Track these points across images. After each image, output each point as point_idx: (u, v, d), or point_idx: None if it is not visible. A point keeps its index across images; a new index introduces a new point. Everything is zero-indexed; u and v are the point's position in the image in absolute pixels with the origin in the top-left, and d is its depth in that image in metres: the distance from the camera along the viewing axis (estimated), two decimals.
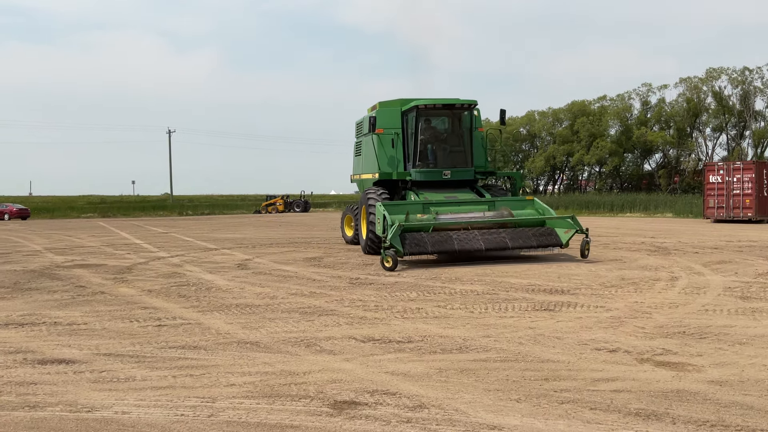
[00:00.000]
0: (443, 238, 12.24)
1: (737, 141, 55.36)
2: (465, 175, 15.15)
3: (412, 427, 3.88)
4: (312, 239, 20.91)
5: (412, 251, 11.92)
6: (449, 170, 14.96)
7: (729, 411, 4.04)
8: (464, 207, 13.54)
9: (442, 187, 14.83)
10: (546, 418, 4.00)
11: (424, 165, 15.03)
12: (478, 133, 15.84)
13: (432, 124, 15.47)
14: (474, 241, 12.22)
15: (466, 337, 6.20)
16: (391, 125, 15.55)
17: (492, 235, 12.49)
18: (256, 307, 8.10)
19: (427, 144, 15.20)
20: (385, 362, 5.38)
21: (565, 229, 12.93)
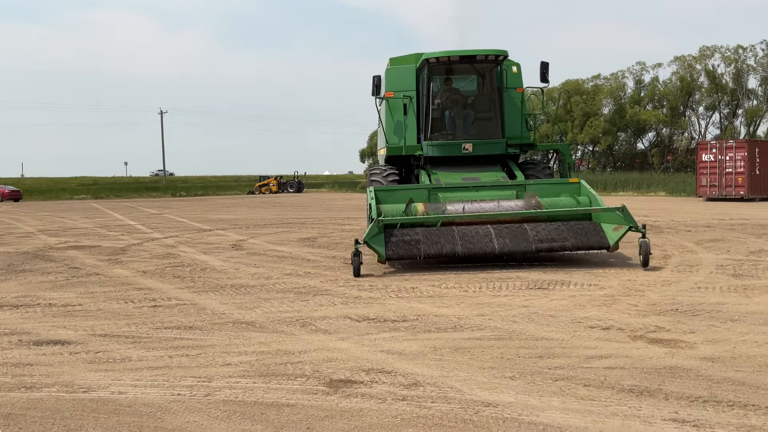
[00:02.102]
0: (442, 237, 9.12)
1: (730, 119, 55.45)
2: (493, 148, 11.69)
3: (408, 404, 3.92)
4: (306, 220, 20.90)
5: (396, 255, 8.90)
6: (471, 143, 11.51)
7: (721, 387, 4.09)
8: (484, 193, 10.17)
9: (466, 165, 11.56)
10: (540, 395, 4.04)
11: (440, 136, 11.77)
12: (515, 95, 12.24)
13: (450, 83, 12.24)
14: (484, 241, 9.00)
15: (460, 316, 6.24)
16: (404, 87, 12.18)
17: (511, 232, 9.15)
18: (251, 288, 8.11)
19: (444, 110, 11.94)
20: (380, 341, 5.40)
21: (615, 225, 9.18)
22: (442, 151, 11.65)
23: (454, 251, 8.93)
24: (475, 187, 10.33)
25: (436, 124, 11.85)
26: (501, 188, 10.31)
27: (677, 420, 3.58)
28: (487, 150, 11.68)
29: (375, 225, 8.93)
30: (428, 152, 11.71)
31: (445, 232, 9.20)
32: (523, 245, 8.96)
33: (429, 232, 9.21)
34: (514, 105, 12.12)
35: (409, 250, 8.91)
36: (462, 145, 11.56)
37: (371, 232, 8.86)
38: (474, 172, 11.33)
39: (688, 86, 55.18)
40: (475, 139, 11.64)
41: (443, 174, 11.31)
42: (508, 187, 10.33)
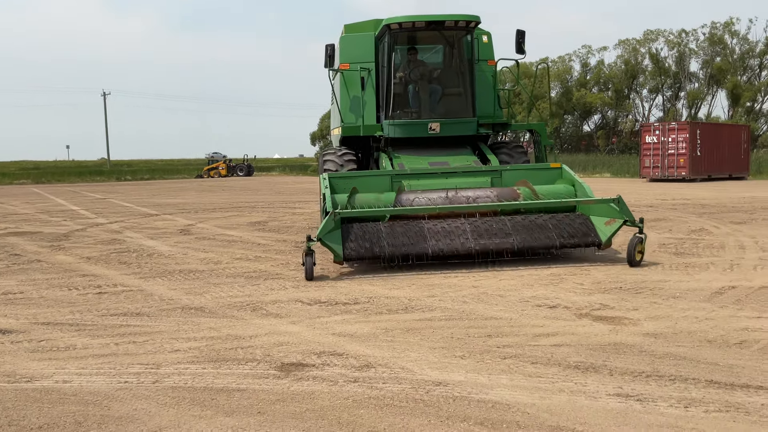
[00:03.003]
0: (410, 234, 7.75)
1: (672, 102, 56.95)
2: (463, 129, 10.29)
3: (359, 386, 3.93)
4: (256, 204, 20.69)
5: (357, 254, 7.53)
6: (438, 122, 10.07)
7: (663, 362, 4.22)
8: (455, 180, 8.85)
9: (432, 148, 10.27)
10: (489, 373, 4.11)
11: (403, 115, 10.25)
12: (486, 68, 10.86)
13: (415, 54, 10.54)
14: (460, 239, 7.70)
15: (411, 297, 6.28)
16: (362, 58, 10.67)
17: (489, 226, 7.86)
18: (200, 273, 8.00)
19: (407, 84, 10.37)
20: (331, 324, 5.40)
21: (607, 219, 7.93)
22: (406, 132, 10.18)
23: (424, 251, 7.59)
24: (444, 174, 8.98)
25: (399, 101, 10.30)
26: (474, 174, 8.97)
27: (621, 395, 3.68)
28: (457, 130, 10.27)
29: (330, 219, 7.51)
30: (390, 133, 10.24)
31: (413, 228, 7.80)
32: (503, 244, 7.66)
33: (394, 228, 7.82)
34: (485, 79, 10.77)
35: (371, 249, 7.54)
36: (428, 125, 10.08)
37: (326, 227, 7.47)
38: (442, 155, 9.98)
39: (632, 69, 56.39)
40: (442, 117, 10.17)
41: (407, 158, 9.93)
42: (482, 173, 9.02)
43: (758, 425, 3.23)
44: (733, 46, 53.57)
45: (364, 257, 7.56)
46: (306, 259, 7.25)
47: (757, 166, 32.96)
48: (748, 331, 4.85)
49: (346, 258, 7.51)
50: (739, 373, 3.97)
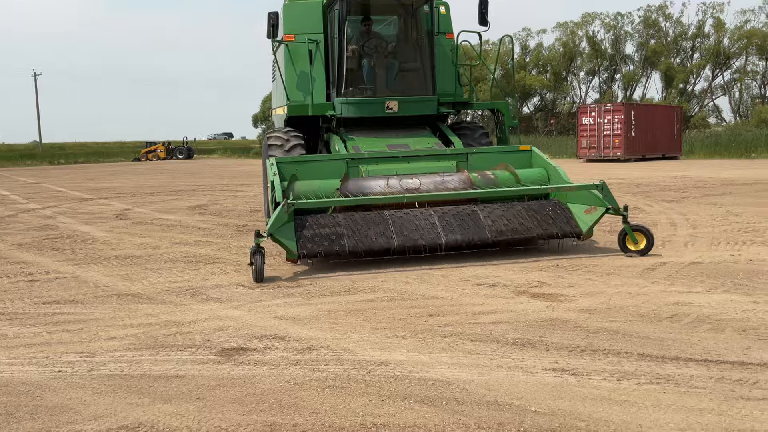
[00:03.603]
0: (373, 226, 6.89)
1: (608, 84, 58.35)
2: (422, 108, 9.40)
3: (301, 368, 3.92)
4: (196, 187, 20.31)
5: (312, 251, 6.61)
6: (396, 100, 9.16)
7: (597, 336, 4.35)
8: (417, 164, 8.02)
9: (389, 129, 9.39)
10: (430, 351, 4.15)
11: (357, 92, 9.28)
12: (444, 41, 9.98)
13: (370, 24, 9.54)
14: (428, 232, 6.87)
15: (354, 279, 6.28)
16: (309, 28, 9.64)
17: (461, 218, 7.07)
18: (137, 258, 7.82)
19: (360, 58, 9.39)
20: (273, 307, 5.37)
21: (587, 206, 7.27)
22: (361, 111, 9.19)
23: (388, 245, 6.72)
24: (405, 158, 8.12)
25: (352, 77, 9.29)
26: (438, 158, 8.15)
27: (557, 369, 3.78)
28: (416, 110, 9.36)
29: (282, 211, 6.59)
30: (342, 112, 9.21)
31: (376, 219, 6.96)
32: (477, 236, 6.92)
33: (353, 219, 6.95)
34: (444, 54, 9.89)
35: (329, 246, 6.66)
36: (385, 104, 9.16)
37: (278, 220, 6.55)
38: (400, 137, 9.10)
39: (570, 52, 57.46)
40: (400, 95, 9.27)
41: (362, 140, 8.95)
42: (447, 157, 8.19)
43: (687, 396, 3.37)
44: (666, 28, 55.15)
45: (321, 253, 6.63)
46: (255, 259, 6.28)
47: (689, 146, 34.12)
48: (678, 305, 5.04)
49: (302, 255, 6.61)
50: (670, 346, 4.12)
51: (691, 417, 3.12)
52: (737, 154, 31.45)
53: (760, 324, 4.48)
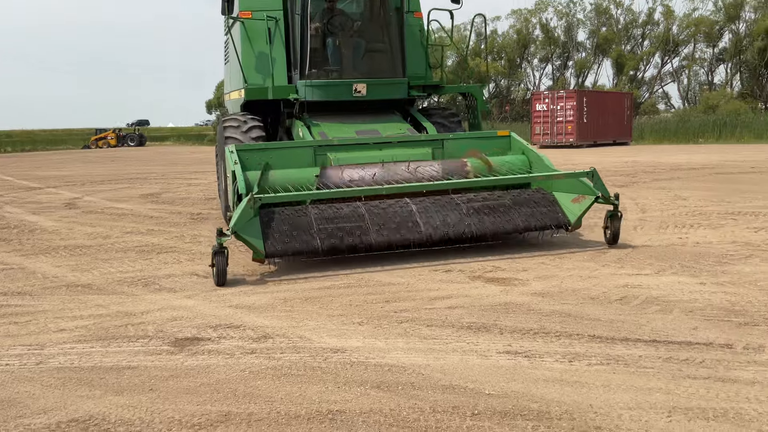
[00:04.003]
0: (347, 220, 6.25)
1: (561, 71, 59.13)
2: (393, 91, 8.77)
3: (257, 357, 3.90)
4: (149, 175, 19.93)
5: (283, 249, 5.96)
6: (364, 82, 8.47)
7: (549, 319, 4.43)
8: (390, 151, 7.42)
9: (357, 114, 8.69)
10: (386, 337, 4.17)
11: (321, 74, 8.58)
12: (413, 20, 9.41)
13: (333, 2, 8.85)
14: (406, 224, 6.30)
15: (310, 265, 6.25)
16: (268, 5, 8.91)
17: (441, 209, 6.52)
18: (88, 248, 7.64)
19: (324, 37, 8.68)
20: (228, 296, 5.31)
21: (573, 195, 6.84)
22: (326, 94, 8.45)
23: (366, 241, 6.12)
24: (377, 144, 7.52)
25: (316, 58, 8.56)
26: (413, 145, 7.59)
27: (510, 352, 3.84)
28: (385, 93, 8.71)
29: (248, 206, 5.88)
30: (307, 95, 8.43)
31: (350, 213, 6.31)
32: (460, 230, 6.37)
33: (326, 213, 6.29)
34: (412, 34, 9.29)
35: (302, 243, 5.98)
36: (353, 87, 8.43)
37: (242, 216, 5.83)
38: (369, 122, 8.45)
39: (524, 39, 57.99)
40: (368, 77, 8.57)
41: (329, 126, 8.30)
42: (422, 143, 7.63)
43: (636, 376, 3.45)
44: (617, 16, 56.04)
45: (291, 252, 5.97)
46: (216, 260, 5.62)
47: (639, 132, 34.85)
48: (627, 287, 5.16)
49: (270, 254, 5.91)
50: (619, 327, 4.22)
51: (640, 396, 3.20)
52: (685, 139, 32.26)
53: (707, 305, 4.62)
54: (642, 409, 3.06)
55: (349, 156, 7.27)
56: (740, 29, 47.47)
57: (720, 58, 50.70)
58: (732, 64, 48.61)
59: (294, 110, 8.61)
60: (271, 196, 6.13)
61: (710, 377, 3.39)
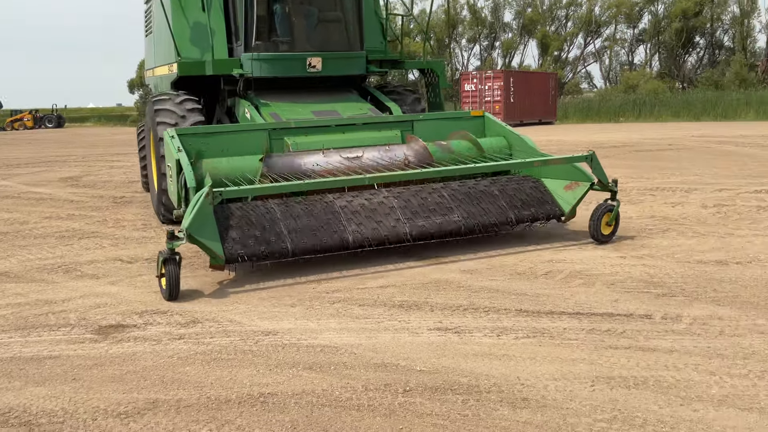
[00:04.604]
0: (317, 216, 5.38)
1: (489, 51, 59.89)
2: (350, 66, 7.84)
3: (185, 342, 3.82)
4: (68, 158, 19.15)
5: (245, 252, 4.98)
6: (319, 56, 7.51)
7: (479, 295, 4.51)
8: (354, 134, 6.58)
9: (310, 92, 7.76)
10: (318, 318, 4.16)
11: (270, 46, 7.50)
12: None
13: None
14: (386, 220, 5.50)
15: None
16: None
17: (423, 200, 5.75)
18: (4, 235, 7.29)
19: (271, 4, 7.56)
20: (154, 282, 5.16)
21: (566, 182, 6.15)
22: (277, 69, 7.45)
23: (342, 240, 5.26)
24: (339, 127, 6.62)
25: (263, 27, 7.49)
26: (379, 127, 6.73)
27: (441, 328, 3.89)
28: (343, 68, 7.77)
29: (204, 201, 4.89)
30: (254, 71, 7.41)
31: (321, 208, 5.45)
32: (448, 223, 5.61)
33: (293, 208, 5.38)
34: (365, 3, 8.28)
35: (266, 246, 5.04)
36: (306, 60, 7.47)
37: (199, 215, 4.84)
38: (326, 102, 7.55)
39: (452, 19, 58.36)
40: (323, 50, 7.61)
41: (280, 106, 7.34)
42: (389, 125, 6.78)
43: (561, 347, 3.56)
44: None
45: (256, 256, 5.02)
46: (167, 269, 4.64)
47: (564, 112, 35.71)
48: (552, 262, 5.30)
49: (231, 259, 4.92)
50: (545, 301, 4.34)
51: (564, 367, 3.30)
52: (607, 118, 33.26)
53: (627, 278, 4.80)
54: (567, 379, 3.17)
55: (309, 140, 6.37)
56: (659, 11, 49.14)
57: (640, 39, 52.38)
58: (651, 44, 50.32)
59: (237, 88, 7.61)
60: (234, 190, 5.08)
61: (631, 347, 3.53)
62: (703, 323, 3.83)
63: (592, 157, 5.92)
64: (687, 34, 44.11)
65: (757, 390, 2.98)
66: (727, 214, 7.06)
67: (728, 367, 3.23)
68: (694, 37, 45.37)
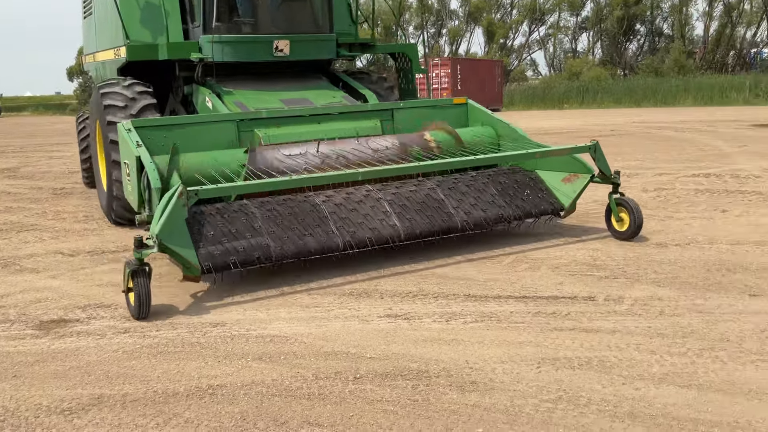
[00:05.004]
0: (301, 217, 4.84)
1: (436, 39, 60.10)
2: (320, 50, 7.31)
3: (130, 336, 3.75)
4: (5, 148, 18.47)
5: (221, 260, 4.41)
6: (287, 39, 6.92)
7: (427, 281, 4.55)
8: (331, 125, 6.06)
9: (273, 78, 7.19)
10: (268, 308, 4.13)
11: (231, 28, 6.89)
12: None
13: None
14: (377, 219, 4.99)
15: None
16: None
17: (415, 196, 5.26)
18: None
19: None
20: (98, 275, 5.05)
21: (564, 174, 5.79)
22: (241, 54, 6.86)
23: (332, 243, 4.73)
24: (314, 117, 6.06)
25: (222, 7, 6.85)
26: (357, 117, 6.22)
27: (391, 315, 3.91)
28: (312, 52, 7.21)
29: (178, 203, 4.27)
30: (215, 55, 6.76)
31: (304, 208, 4.89)
32: (443, 222, 5.15)
33: (273, 209, 4.81)
34: None
35: (246, 252, 4.48)
36: (273, 44, 6.87)
37: (171, 218, 4.24)
38: (296, 90, 6.99)
39: (399, 7, 58.33)
40: (291, 32, 6.99)
41: (245, 94, 6.75)
42: (367, 115, 6.28)
43: (508, 330, 3.63)
44: None
45: (235, 264, 4.42)
46: (136, 283, 4.00)
47: (510, 99, 36.15)
48: (499, 248, 5.37)
49: (207, 269, 4.33)
50: (492, 286, 4.40)
51: (511, 350, 3.37)
52: (551, 105, 33.82)
53: (571, 261, 4.91)
54: (514, 362, 3.23)
55: (282, 132, 5.79)
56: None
57: (582, 26, 53.30)
58: (593, 32, 51.26)
59: (195, 74, 6.92)
60: (212, 188, 4.43)
61: (575, 328, 3.62)
62: (644, 304, 3.95)
63: (596, 147, 5.53)
64: (628, 22, 45.09)
65: (695, 367, 3.10)
66: (666, 197, 7.28)
67: (668, 346, 3.34)
68: (635, 25, 46.41)
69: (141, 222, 4.69)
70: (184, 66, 7.05)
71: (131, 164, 5.04)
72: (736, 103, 25.09)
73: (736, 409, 2.71)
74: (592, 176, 5.64)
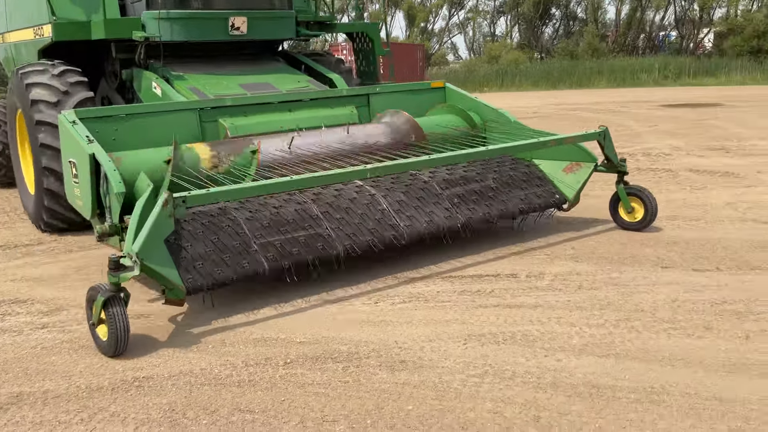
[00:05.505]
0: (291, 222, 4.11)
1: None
2: (279, 29, 6.64)
3: (49, 332, 3.62)
4: None
5: (209, 279, 3.65)
6: (244, 15, 6.21)
7: (356, 266, 4.56)
8: (303, 113, 5.48)
9: (228, 61, 6.55)
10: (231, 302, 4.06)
11: (178, 3, 6.06)
12: None
13: None
14: (374, 219, 4.39)
15: None
16: None
17: (414, 195, 4.68)
18: None
19: None
20: (11, 269, 4.84)
21: (565, 164, 5.34)
22: (192, 32, 6.10)
23: (331, 250, 4.10)
24: (284, 104, 5.45)
25: None
26: (331, 103, 5.65)
27: (320, 300, 3.92)
28: (271, 31, 6.54)
29: (163, 213, 3.47)
30: (162, 34, 5.93)
31: (291, 210, 4.19)
32: (447, 218, 4.61)
33: (258, 214, 4.07)
34: None
35: (234, 267, 3.77)
36: (228, 20, 6.15)
37: (155, 232, 3.47)
38: (255, 73, 6.35)
39: None
40: (247, 8, 6.27)
41: (198, 78, 6.02)
42: (342, 101, 5.71)
43: (435, 309, 3.70)
44: None
45: (226, 281, 3.73)
46: (110, 315, 3.22)
47: None
48: None
49: (192, 290, 3.60)
50: (419, 267, 4.47)
51: (439, 328, 3.44)
52: (472, 88, 34.28)
53: (495, 240, 5.03)
54: (441, 339, 3.30)
55: (249, 122, 5.16)
56: None
57: (500, 10, 54.26)
58: (511, 16, 52.29)
59: (137, 56, 6.10)
60: (202, 194, 3.60)
61: (499, 305, 3.73)
62: (564, 279, 4.10)
63: (605, 134, 5.08)
64: (544, 6, 46.17)
65: (612, 338, 3.25)
66: None
67: (587, 318, 3.48)
68: (551, 9, 47.59)
69: (103, 234, 3.97)
70: (122, 47, 6.26)
71: (80, 164, 4.24)
72: (647, 84, 26.16)
73: (651, 375, 2.86)
74: (596, 165, 5.21)
